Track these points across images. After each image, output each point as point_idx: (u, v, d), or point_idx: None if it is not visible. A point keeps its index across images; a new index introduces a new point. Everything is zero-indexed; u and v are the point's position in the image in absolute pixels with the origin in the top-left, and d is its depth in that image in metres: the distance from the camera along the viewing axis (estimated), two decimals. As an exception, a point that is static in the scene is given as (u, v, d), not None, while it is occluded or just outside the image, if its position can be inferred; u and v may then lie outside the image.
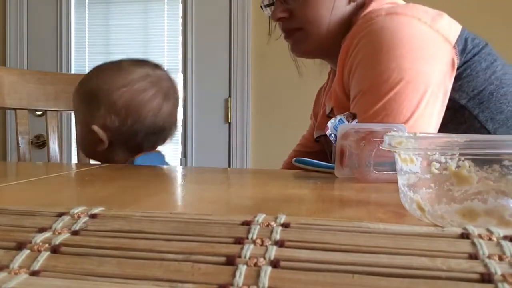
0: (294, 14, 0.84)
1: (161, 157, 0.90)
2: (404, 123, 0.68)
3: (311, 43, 0.86)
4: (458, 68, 0.74)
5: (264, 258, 0.22)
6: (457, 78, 0.74)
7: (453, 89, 0.74)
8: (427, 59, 0.72)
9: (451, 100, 0.74)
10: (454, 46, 0.74)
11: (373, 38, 0.73)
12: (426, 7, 0.78)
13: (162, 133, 0.88)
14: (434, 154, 0.33)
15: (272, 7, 0.88)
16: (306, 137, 1.08)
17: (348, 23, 0.83)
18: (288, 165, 1.07)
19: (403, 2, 0.84)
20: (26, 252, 0.23)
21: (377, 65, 0.72)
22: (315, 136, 0.97)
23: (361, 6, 0.83)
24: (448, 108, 0.74)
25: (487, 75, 0.75)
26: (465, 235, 0.24)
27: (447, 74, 0.73)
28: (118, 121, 0.83)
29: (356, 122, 0.65)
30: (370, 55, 0.73)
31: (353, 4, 0.83)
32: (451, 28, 0.75)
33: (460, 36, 0.75)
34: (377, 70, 0.71)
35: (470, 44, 0.75)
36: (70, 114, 1.89)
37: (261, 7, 0.92)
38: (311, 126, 1.08)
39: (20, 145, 1.09)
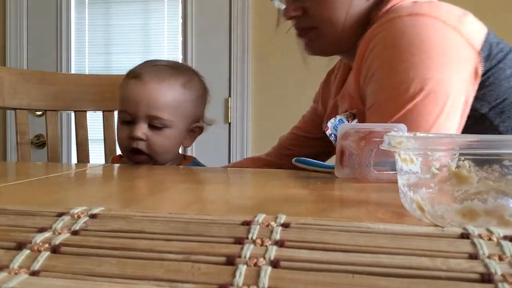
0: (308, 12, 0.79)
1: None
2: None
3: (325, 43, 0.81)
4: (482, 76, 0.69)
5: (264, 258, 0.22)
6: (480, 87, 0.69)
7: (475, 98, 0.69)
8: (449, 66, 0.66)
9: (472, 109, 0.69)
10: (478, 53, 0.68)
11: (391, 43, 0.68)
12: (452, 6, 0.72)
13: None
14: (434, 154, 0.33)
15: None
16: (306, 120, 1.04)
17: (366, 20, 0.77)
18: (282, 146, 1.04)
19: None
20: (26, 252, 0.23)
21: (395, 74, 0.67)
22: (323, 127, 0.93)
23: (381, 1, 0.76)
24: (469, 117, 0.69)
25: (511, 83, 0.70)
26: (465, 235, 0.24)
27: (469, 83, 0.68)
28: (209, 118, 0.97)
29: (356, 122, 0.65)
30: (387, 62, 0.68)
31: (371, 0, 0.77)
32: (477, 32, 0.70)
33: (485, 41, 0.69)
34: (395, 80, 0.67)
35: (495, 50, 0.70)
36: (70, 114, 1.90)
37: None
38: (313, 108, 1.03)
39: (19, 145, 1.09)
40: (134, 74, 0.87)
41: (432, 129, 0.65)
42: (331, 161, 0.68)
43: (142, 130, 0.83)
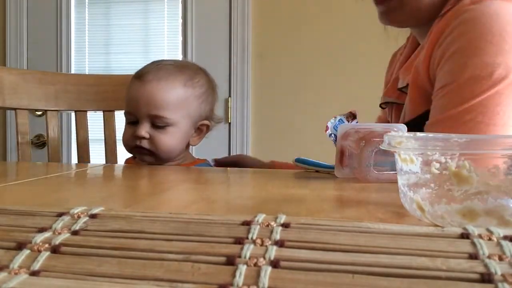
0: None
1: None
2: (499, 126, 0.63)
3: (404, 13, 0.77)
4: None
5: (264, 258, 0.22)
6: None
7: None
8: None
9: None
10: None
11: (483, 23, 0.65)
12: None
13: None
14: (434, 154, 0.33)
15: None
16: (381, 118, 0.99)
17: None
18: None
19: None
20: (26, 252, 0.23)
21: (482, 55, 0.64)
22: (381, 101, 0.90)
23: None
24: None
25: None
26: (465, 235, 0.24)
27: None
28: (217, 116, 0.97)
29: (356, 122, 0.65)
30: (475, 42, 0.65)
31: None
32: None
33: None
34: (482, 62, 0.64)
35: None
36: (70, 114, 1.90)
37: None
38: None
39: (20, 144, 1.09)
40: (137, 75, 0.88)
41: (509, 121, 0.63)
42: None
43: (145, 129, 0.84)
